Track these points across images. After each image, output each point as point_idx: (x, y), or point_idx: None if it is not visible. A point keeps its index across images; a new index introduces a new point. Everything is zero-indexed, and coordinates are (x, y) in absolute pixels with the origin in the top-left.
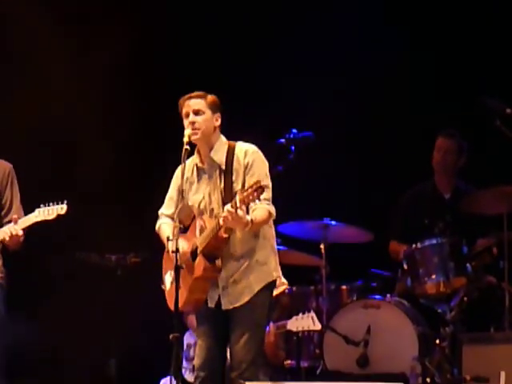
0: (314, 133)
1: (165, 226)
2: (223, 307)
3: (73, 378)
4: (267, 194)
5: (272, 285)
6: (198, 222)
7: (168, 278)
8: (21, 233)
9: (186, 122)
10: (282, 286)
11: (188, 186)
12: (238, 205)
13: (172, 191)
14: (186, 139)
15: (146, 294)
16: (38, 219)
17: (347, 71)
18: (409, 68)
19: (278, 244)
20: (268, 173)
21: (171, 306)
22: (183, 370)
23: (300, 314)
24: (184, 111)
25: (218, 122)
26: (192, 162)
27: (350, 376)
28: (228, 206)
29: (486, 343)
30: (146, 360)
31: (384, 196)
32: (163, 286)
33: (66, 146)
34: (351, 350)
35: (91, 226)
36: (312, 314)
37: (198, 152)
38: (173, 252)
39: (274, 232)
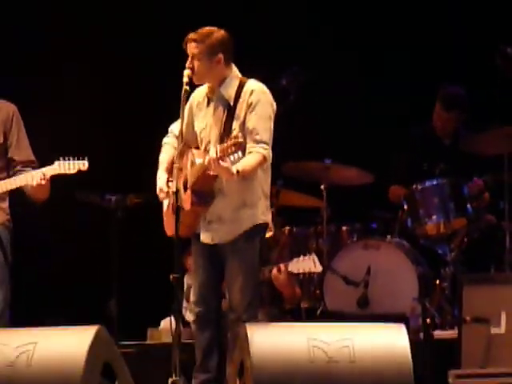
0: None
1: (165, 151)
2: (205, 241)
3: (72, 317)
4: (266, 136)
5: (260, 228)
6: (190, 155)
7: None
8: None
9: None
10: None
11: (197, 112)
12: (218, 155)
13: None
14: (185, 79)
15: (147, 235)
16: (58, 172)
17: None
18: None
19: (280, 185)
20: (272, 115)
21: (166, 230)
22: (183, 310)
23: (301, 256)
24: (187, 51)
25: (220, 63)
26: (204, 89)
27: (350, 316)
28: (211, 154)
29: (486, 284)
30: (147, 300)
31: (385, 137)
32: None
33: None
34: (351, 290)
35: (91, 165)
36: (313, 255)
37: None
38: (173, 193)
39: (268, 176)
